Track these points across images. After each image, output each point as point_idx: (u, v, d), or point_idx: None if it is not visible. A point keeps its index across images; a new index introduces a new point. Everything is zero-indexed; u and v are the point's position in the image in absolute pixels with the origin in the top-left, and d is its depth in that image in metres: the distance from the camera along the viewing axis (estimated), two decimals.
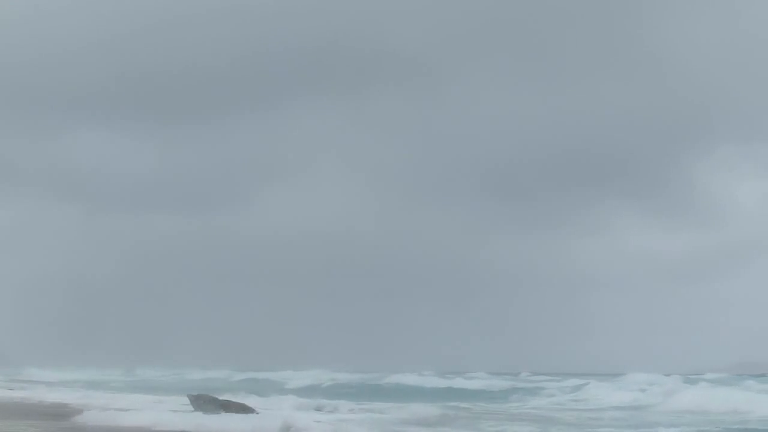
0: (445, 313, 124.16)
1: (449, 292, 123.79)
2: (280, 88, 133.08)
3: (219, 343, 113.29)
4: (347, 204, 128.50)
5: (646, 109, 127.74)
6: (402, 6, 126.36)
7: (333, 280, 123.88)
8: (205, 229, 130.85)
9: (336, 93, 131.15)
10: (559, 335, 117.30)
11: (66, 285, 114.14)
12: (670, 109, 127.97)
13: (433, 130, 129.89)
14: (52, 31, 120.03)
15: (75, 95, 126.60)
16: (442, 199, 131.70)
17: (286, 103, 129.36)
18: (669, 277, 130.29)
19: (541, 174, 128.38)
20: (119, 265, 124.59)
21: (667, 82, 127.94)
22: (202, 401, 37.87)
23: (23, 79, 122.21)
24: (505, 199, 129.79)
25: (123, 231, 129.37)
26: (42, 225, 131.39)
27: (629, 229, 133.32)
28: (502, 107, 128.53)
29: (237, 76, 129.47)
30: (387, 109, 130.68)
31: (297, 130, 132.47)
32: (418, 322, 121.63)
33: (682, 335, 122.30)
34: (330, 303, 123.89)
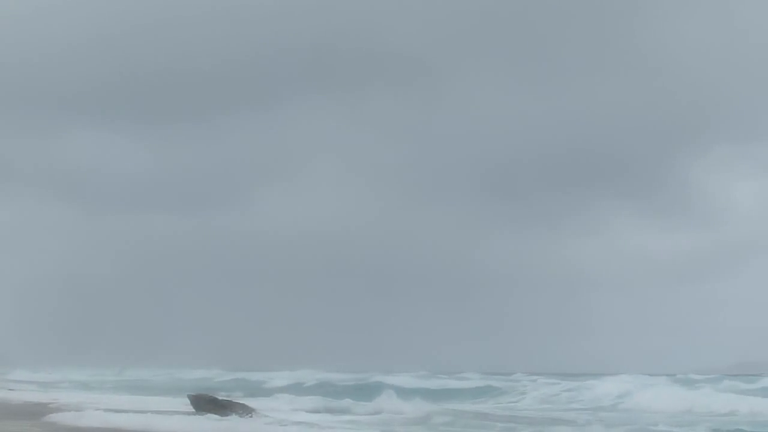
0: (441, 312, 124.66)
1: (446, 292, 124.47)
2: (277, 87, 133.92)
3: (215, 343, 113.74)
4: (344, 204, 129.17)
5: (642, 109, 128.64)
6: (400, 6, 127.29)
7: (330, 280, 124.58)
8: (202, 228, 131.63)
9: (334, 93, 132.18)
10: (556, 335, 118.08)
11: (62, 285, 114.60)
12: (667, 110, 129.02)
13: (430, 130, 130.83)
14: (49, 30, 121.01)
15: (72, 95, 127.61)
16: (439, 199, 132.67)
17: (284, 102, 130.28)
18: (665, 277, 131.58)
19: (538, 174, 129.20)
20: (116, 265, 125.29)
21: (664, 82, 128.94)
22: (202, 401, 37.95)
23: (20, 78, 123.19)
24: (501, 199, 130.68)
25: (120, 231, 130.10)
26: (39, 225, 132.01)
27: (626, 229, 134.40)
28: (499, 108, 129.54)
29: (235, 75, 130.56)
30: (385, 109, 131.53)
31: (295, 129, 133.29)
32: (414, 322, 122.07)
33: (679, 335, 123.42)
34: (327, 303, 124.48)
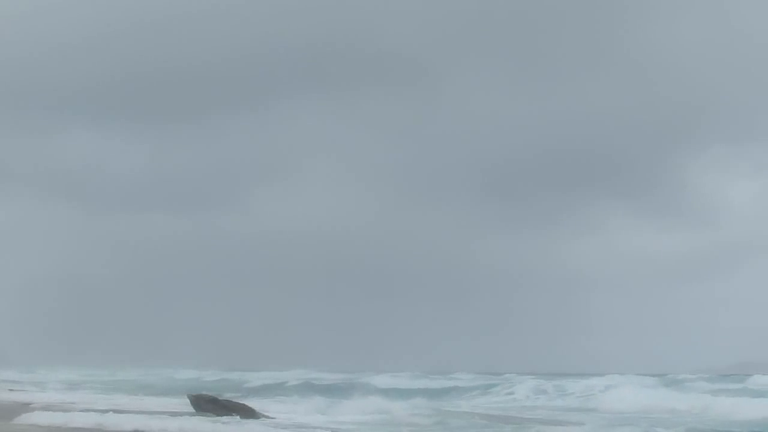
0: (439, 312, 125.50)
1: (443, 292, 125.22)
2: (274, 87, 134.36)
3: (212, 343, 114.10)
4: (341, 204, 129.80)
5: (639, 109, 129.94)
6: (397, 6, 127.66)
7: (327, 280, 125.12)
8: (199, 228, 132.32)
9: (331, 93, 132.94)
10: (554, 335, 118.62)
11: (59, 284, 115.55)
12: (664, 110, 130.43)
13: (428, 130, 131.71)
14: (46, 30, 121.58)
15: (70, 95, 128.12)
16: (436, 199, 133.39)
17: (281, 103, 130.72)
18: (662, 277, 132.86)
19: (535, 174, 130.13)
20: (112, 265, 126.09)
21: (660, 82, 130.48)
22: (202, 401, 38.21)
23: (18, 78, 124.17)
24: (498, 199, 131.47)
25: (116, 230, 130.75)
26: (36, 225, 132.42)
27: (622, 229, 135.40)
28: (497, 108, 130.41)
29: (232, 75, 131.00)
30: (382, 109, 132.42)
31: (292, 129, 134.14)
32: (412, 322, 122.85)
33: (676, 335, 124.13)
34: (324, 302, 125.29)
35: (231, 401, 39.05)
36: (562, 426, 33.90)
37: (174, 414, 35.54)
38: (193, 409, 37.88)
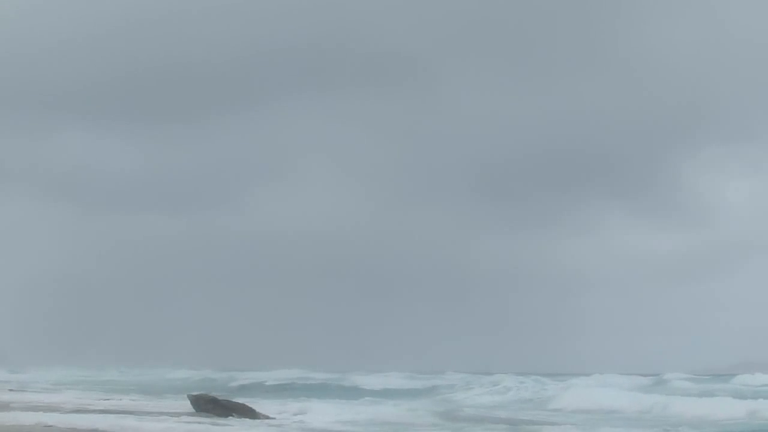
0: (434, 313, 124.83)
1: (439, 292, 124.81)
2: (270, 87, 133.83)
3: (207, 343, 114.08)
4: (337, 204, 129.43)
5: (635, 109, 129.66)
6: (392, 6, 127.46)
7: (323, 280, 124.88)
8: (194, 228, 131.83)
9: (326, 93, 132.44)
10: (550, 335, 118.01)
11: (54, 284, 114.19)
12: (659, 110, 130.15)
13: (423, 130, 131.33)
14: (39, 29, 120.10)
15: (64, 94, 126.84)
16: (432, 199, 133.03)
17: (276, 102, 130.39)
18: (657, 277, 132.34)
19: (530, 174, 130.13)
20: (107, 265, 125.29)
21: (655, 82, 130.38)
22: (202, 401, 38.13)
23: (11, 77, 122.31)
24: (494, 199, 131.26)
25: (111, 230, 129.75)
26: (30, 225, 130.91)
27: (618, 229, 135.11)
28: (491, 108, 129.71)
29: (227, 75, 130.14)
30: (379, 109, 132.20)
31: (287, 129, 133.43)
32: (407, 322, 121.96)
33: (672, 335, 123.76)
34: (319, 303, 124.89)
35: (231, 401, 39.01)
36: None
37: (174, 414, 35.76)
38: (193, 410, 37.92)
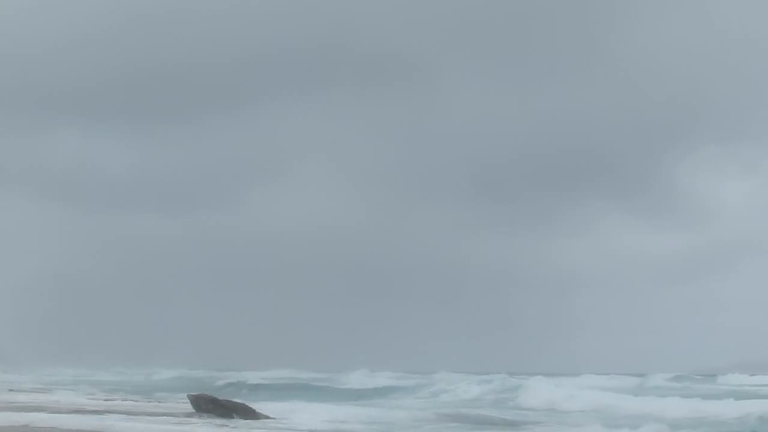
0: (430, 312, 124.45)
1: (435, 292, 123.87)
2: (266, 86, 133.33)
3: (202, 343, 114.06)
4: (333, 204, 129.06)
5: (630, 109, 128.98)
6: (390, 6, 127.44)
7: (319, 280, 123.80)
8: (190, 228, 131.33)
9: (323, 92, 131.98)
10: (546, 335, 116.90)
11: (50, 285, 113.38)
12: (654, 110, 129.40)
13: (420, 130, 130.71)
14: (35, 29, 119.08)
15: (59, 94, 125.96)
16: (428, 199, 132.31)
17: (273, 102, 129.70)
18: (654, 277, 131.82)
19: (527, 174, 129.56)
20: (103, 265, 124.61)
21: (652, 83, 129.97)
22: (202, 401, 38.29)
23: (6, 78, 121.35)
24: (490, 199, 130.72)
25: (107, 230, 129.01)
26: (26, 225, 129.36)
27: (614, 230, 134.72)
28: (488, 108, 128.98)
29: (223, 74, 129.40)
30: (374, 109, 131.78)
31: (284, 129, 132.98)
32: (403, 322, 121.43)
33: (668, 335, 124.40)
34: (316, 302, 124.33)
35: (231, 401, 39.21)
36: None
37: (174, 415, 36.25)
38: (193, 410, 38.23)
